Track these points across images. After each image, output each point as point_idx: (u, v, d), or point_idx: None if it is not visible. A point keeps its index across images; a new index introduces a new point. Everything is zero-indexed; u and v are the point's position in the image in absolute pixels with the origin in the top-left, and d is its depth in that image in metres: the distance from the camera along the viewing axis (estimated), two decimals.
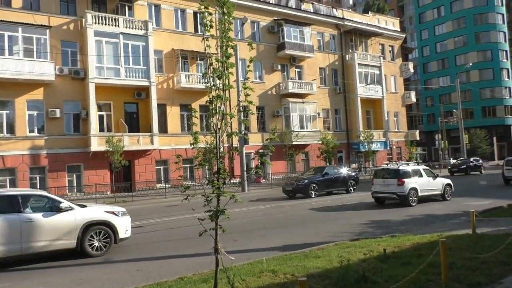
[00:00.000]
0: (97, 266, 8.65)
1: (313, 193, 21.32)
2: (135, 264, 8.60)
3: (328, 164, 36.01)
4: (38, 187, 24.44)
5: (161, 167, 29.07)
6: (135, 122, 28.26)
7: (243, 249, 8.91)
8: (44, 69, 24.26)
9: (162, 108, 28.96)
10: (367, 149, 37.20)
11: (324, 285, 5.72)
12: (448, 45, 66.72)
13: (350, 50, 40.91)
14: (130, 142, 26.48)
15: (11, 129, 24.25)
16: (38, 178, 24.74)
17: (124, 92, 27.35)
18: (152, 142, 27.53)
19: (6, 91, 23.67)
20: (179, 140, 28.93)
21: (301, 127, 35.08)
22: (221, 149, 5.48)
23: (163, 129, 28.84)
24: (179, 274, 7.06)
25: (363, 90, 40.10)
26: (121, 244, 10.87)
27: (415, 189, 16.47)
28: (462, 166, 36.00)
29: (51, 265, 8.75)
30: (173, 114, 29.63)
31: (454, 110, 49.26)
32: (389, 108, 42.99)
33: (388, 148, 42.58)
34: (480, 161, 37.93)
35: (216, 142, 5.42)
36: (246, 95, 5.33)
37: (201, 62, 31.00)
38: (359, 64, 39.97)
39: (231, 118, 5.65)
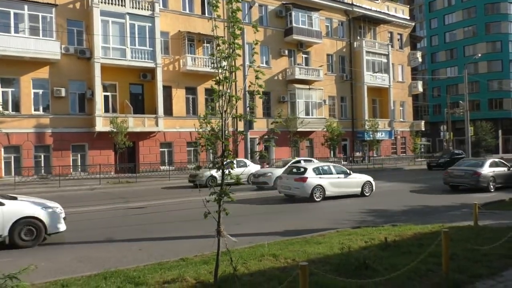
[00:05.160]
0: (99, 245, 8.73)
1: None
2: (137, 244, 8.67)
3: (331, 152, 36.08)
4: (42, 165, 24.60)
5: (166, 150, 29.12)
6: (140, 104, 28.21)
7: (245, 232, 8.94)
8: (49, 47, 24.11)
9: (167, 90, 28.85)
10: (371, 138, 37.06)
11: (325, 270, 5.73)
12: (457, 35, 65.71)
13: (358, 37, 40.43)
14: (134, 123, 26.48)
15: (16, 107, 24.27)
16: (42, 156, 24.84)
17: (129, 73, 27.24)
18: (157, 124, 27.53)
19: (12, 68, 23.61)
20: (184, 123, 28.93)
21: (307, 113, 34.94)
22: (226, 132, 5.46)
23: (168, 111, 28.80)
24: (180, 255, 7.10)
25: (370, 78, 39.76)
26: (123, 224, 10.97)
27: None
28: (442, 160, 33.03)
29: (55, 242, 8.83)
30: (179, 96, 29.54)
31: (461, 102, 48.76)
32: (395, 98, 42.66)
33: (393, 138, 42.41)
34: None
35: (222, 124, 5.40)
36: (257, 78, 5.27)
37: (208, 45, 30.74)
38: (367, 51, 39.53)
39: (237, 101, 5.63)
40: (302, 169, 15.57)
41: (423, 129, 46.84)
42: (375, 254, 6.79)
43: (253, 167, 21.83)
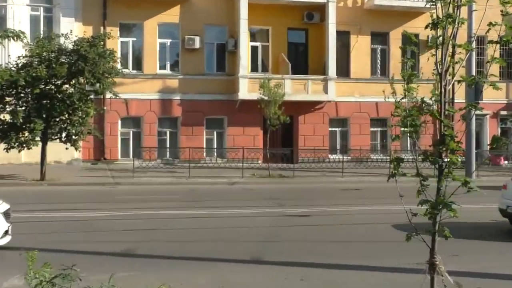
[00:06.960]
0: (243, 266, 9.34)
1: None
2: (296, 270, 8.96)
3: None
4: (167, 145, 27.49)
5: (337, 129, 29.56)
6: (302, 59, 29.08)
7: (467, 270, 8.50)
8: None
9: (343, 37, 29.04)
10: None
11: None
12: None
13: None
14: (293, 88, 27.37)
15: (137, 64, 27.53)
16: (168, 133, 27.90)
17: (288, 12, 28.18)
18: (325, 90, 28.03)
19: (133, 10, 26.45)
20: (367, 89, 28.68)
21: None
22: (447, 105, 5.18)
23: (343, 71, 29.04)
24: None
25: None
26: (277, 238, 11.45)
27: None
28: None
29: (188, 257, 9.75)
30: (360, 47, 29.44)
31: None
32: None
33: None
34: None
35: (441, 91, 5.12)
36: (504, 14, 4.84)
37: None
38: None
39: (467, 53, 5.28)
40: None
41: None
42: None
43: None
